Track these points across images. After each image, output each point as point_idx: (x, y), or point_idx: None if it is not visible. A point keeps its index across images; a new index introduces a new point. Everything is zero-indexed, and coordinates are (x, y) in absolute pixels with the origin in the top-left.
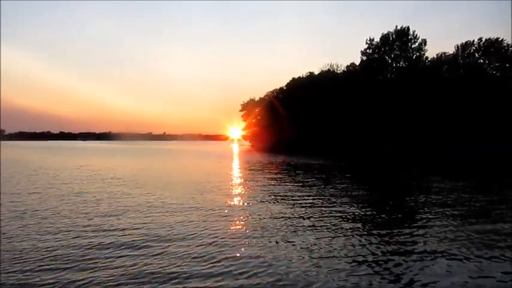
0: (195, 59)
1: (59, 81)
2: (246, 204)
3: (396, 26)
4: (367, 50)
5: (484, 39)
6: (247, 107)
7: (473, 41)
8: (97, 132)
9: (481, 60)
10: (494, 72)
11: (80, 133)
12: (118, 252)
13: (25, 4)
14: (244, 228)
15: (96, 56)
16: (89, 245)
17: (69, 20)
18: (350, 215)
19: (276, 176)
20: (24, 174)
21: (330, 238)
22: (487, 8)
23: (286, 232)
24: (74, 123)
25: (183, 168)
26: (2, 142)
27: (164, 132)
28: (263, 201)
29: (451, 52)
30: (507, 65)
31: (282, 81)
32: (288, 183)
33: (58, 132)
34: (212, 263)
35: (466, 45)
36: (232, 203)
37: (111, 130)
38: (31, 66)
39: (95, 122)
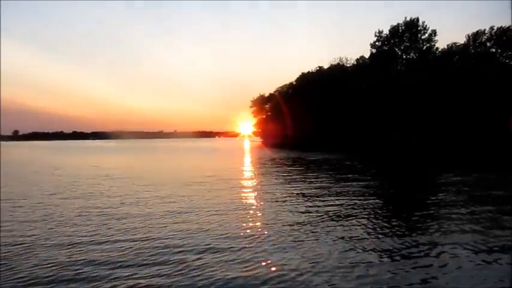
0: (204, 56)
1: (71, 81)
2: (276, 202)
3: (405, 18)
4: (376, 43)
5: (495, 28)
6: (257, 103)
7: (485, 30)
8: (108, 131)
9: (493, 49)
10: (507, 61)
11: (92, 132)
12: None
13: (37, 4)
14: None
15: (105, 55)
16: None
17: (80, 20)
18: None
19: (293, 173)
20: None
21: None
22: None
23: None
24: (85, 123)
25: (203, 165)
26: (16, 143)
27: (175, 130)
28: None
29: (462, 42)
30: None
31: (291, 77)
32: (305, 180)
33: (71, 132)
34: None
35: (477, 35)
36: (263, 202)
37: (124, 129)
38: (43, 67)
39: (106, 121)
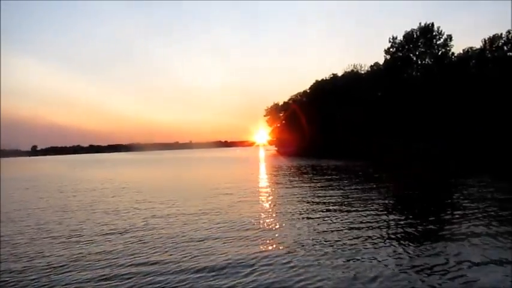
0: (217, 65)
1: (88, 95)
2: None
3: (420, 23)
4: (391, 49)
5: None
6: (271, 111)
7: (501, 34)
8: (124, 143)
9: (510, 54)
10: None
11: (108, 145)
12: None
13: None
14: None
15: (121, 67)
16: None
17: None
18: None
19: (309, 181)
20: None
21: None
22: None
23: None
24: (102, 136)
25: (221, 175)
26: (36, 158)
27: (190, 141)
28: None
29: (478, 47)
30: None
31: (305, 85)
32: (322, 187)
33: (88, 145)
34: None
35: (493, 39)
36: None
37: (139, 141)
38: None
39: (122, 134)
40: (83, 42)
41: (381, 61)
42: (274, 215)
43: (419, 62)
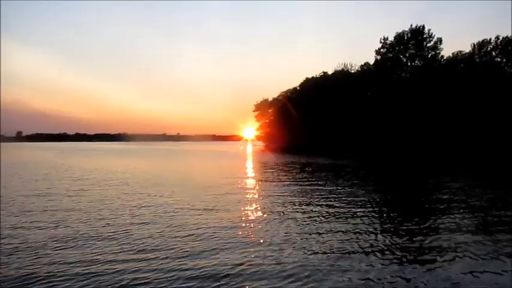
0: (209, 60)
1: (76, 83)
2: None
3: (411, 25)
4: (382, 50)
5: (501, 38)
6: (261, 107)
7: (490, 39)
8: (112, 133)
9: (498, 59)
10: None
11: (95, 134)
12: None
13: (40, 5)
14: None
15: (112, 58)
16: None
17: (87, 23)
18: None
19: (290, 177)
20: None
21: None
22: (504, 5)
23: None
24: (89, 125)
25: (204, 170)
26: (19, 143)
27: (178, 133)
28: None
29: (468, 51)
30: None
31: (295, 81)
32: (302, 184)
33: (74, 133)
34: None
35: (482, 44)
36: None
37: (126, 131)
38: (48, 68)
39: (109, 123)
40: (71, 30)
41: (372, 61)
42: (259, 211)
43: (409, 64)
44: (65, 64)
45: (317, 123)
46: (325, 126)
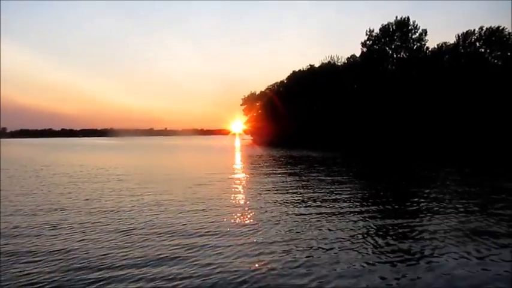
0: (195, 55)
1: (60, 78)
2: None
3: (396, 17)
4: (367, 42)
5: (485, 28)
6: (248, 101)
7: (474, 30)
8: (98, 128)
9: (482, 50)
10: (495, 61)
11: (82, 130)
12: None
13: (25, 2)
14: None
15: (96, 53)
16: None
17: (69, 18)
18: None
19: (273, 169)
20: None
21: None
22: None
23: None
24: (75, 121)
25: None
26: (3, 140)
27: (165, 128)
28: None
29: (452, 42)
30: (509, 54)
31: (282, 75)
32: (287, 176)
33: (60, 129)
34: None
35: (467, 35)
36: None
37: (113, 127)
38: (31, 64)
39: (96, 119)
40: (55, 25)
41: (358, 53)
42: (248, 204)
43: (395, 56)
44: (48, 60)
45: (304, 117)
46: (312, 119)
